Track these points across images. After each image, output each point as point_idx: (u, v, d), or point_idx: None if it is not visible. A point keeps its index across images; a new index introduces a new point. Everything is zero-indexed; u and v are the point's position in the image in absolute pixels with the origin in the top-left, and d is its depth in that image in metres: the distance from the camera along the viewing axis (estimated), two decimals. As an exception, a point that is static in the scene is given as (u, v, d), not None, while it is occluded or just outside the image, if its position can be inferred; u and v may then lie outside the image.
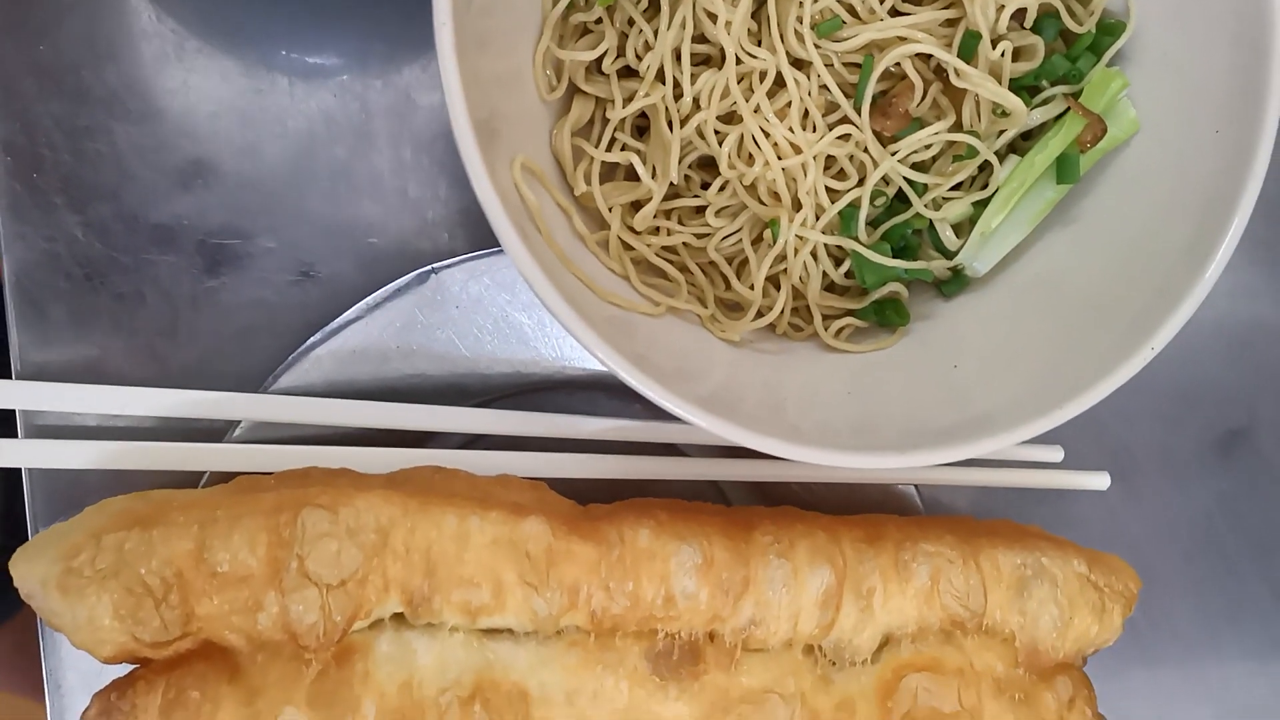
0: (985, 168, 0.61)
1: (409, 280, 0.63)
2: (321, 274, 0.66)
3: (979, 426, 0.54)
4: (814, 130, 0.58)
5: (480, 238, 0.67)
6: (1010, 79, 0.59)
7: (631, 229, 0.59)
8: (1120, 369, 0.54)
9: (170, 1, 0.62)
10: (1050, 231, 0.63)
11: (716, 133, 0.58)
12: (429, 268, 0.62)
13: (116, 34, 0.64)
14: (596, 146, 0.59)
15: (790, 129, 0.57)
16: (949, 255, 0.62)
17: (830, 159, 0.59)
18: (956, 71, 0.57)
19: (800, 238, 0.58)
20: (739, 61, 0.57)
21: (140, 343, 0.64)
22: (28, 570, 0.52)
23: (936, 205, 0.61)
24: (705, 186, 0.61)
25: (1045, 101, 0.61)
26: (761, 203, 0.59)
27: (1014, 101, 0.58)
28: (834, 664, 0.60)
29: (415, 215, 0.68)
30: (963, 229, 0.63)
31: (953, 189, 0.61)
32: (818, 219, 0.59)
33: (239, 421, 0.61)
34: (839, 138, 0.58)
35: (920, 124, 0.60)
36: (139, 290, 0.65)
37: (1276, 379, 0.78)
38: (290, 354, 0.63)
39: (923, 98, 0.59)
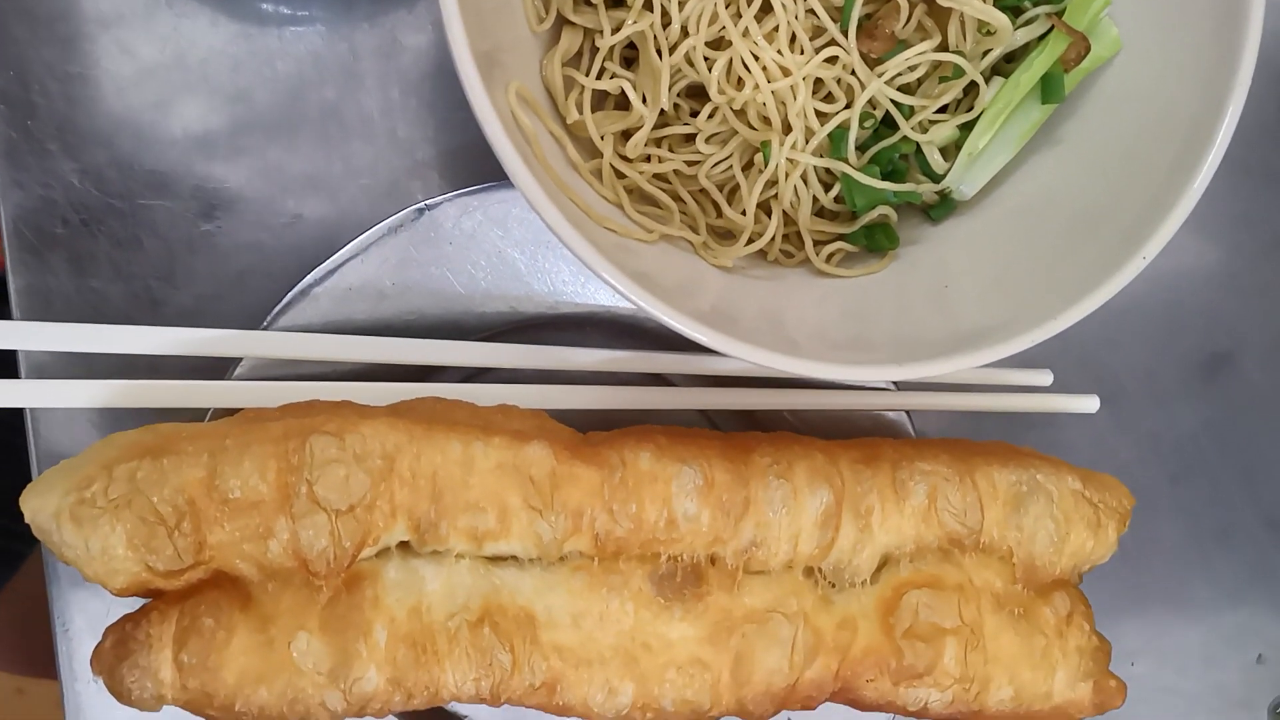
0: (971, 90, 0.62)
1: (402, 218, 0.63)
2: (314, 215, 0.66)
3: (975, 339, 0.55)
4: (802, 53, 0.58)
5: (471, 177, 0.67)
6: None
7: (623, 157, 0.60)
8: (1114, 278, 0.55)
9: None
10: (1037, 153, 0.64)
11: (705, 59, 0.58)
12: (421, 204, 0.63)
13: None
14: (586, 75, 0.59)
15: (779, 51, 0.58)
16: (936, 179, 0.63)
17: (818, 82, 0.59)
18: (941, -11, 0.58)
19: (791, 161, 0.59)
20: (727, -14, 0.57)
21: (137, 286, 0.65)
22: (39, 504, 0.52)
23: (923, 128, 0.62)
24: (694, 114, 0.61)
25: (1029, 22, 0.62)
26: (751, 127, 0.59)
27: (999, 18, 0.58)
28: (834, 585, 0.61)
29: (405, 155, 0.68)
30: (949, 152, 0.63)
31: (939, 112, 0.62)
32: (807, 142, 0.59)
33: (240, 360, 0.62)
34: (826, 60, 0.58)
35: (906, 46, 0.60)
36: (135, 235, 0.65)
37: (1260, 303, 0.79)
38: (286, 294, 0.63)
39: (908, 19, 0.59)
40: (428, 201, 0.63)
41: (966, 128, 0.63)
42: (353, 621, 0.53)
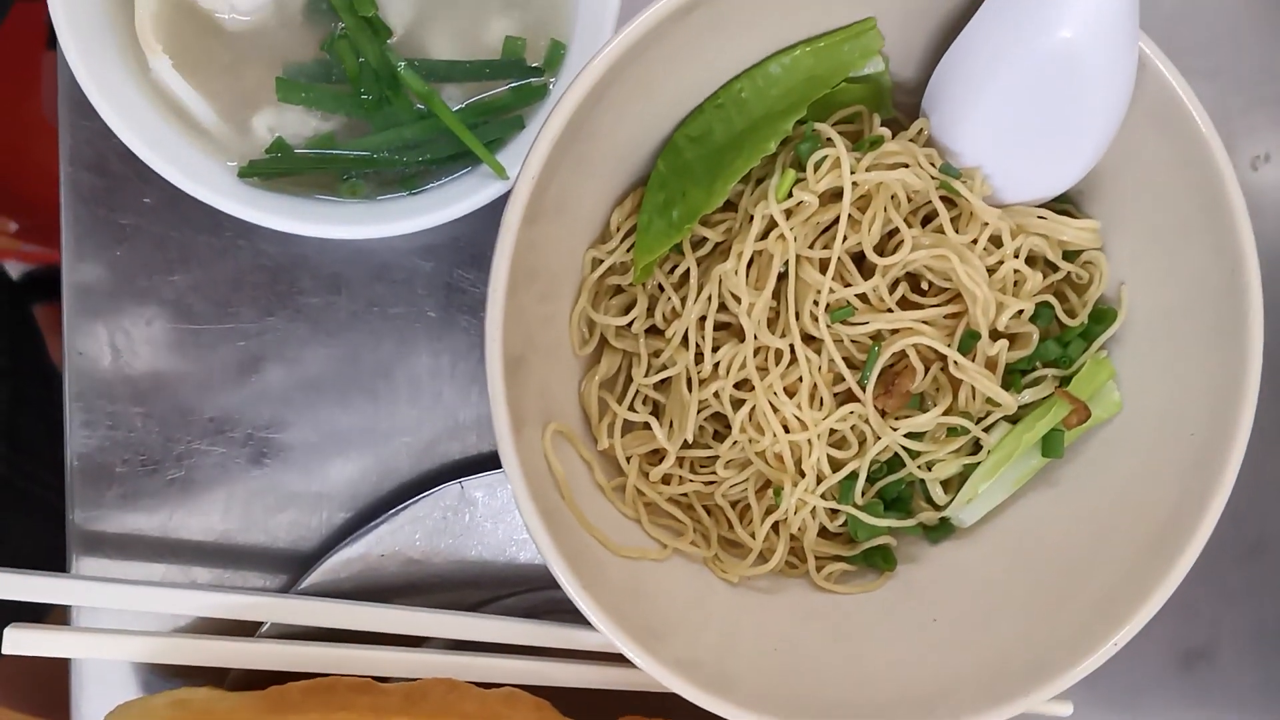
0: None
1: (438, 494, 0.68)
2: (357, 468, 0.71)
3: (945, 701, 0.59)
4: (820, 407, 0.63)
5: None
6: (1005, 363, 0.65)
7: (646, 476, 0.65)
8: (1079, 664, 0.59)
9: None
10: (1034, 490, 0.69)
11: (732, 400, 0.63)
12: (457, 481, 0.68)
13: (188, 242, 0.70)
14: (620, 402, 0.64)
15: (799, 405, 0.62)
16: (938, 507, 0.68)
17: (833, 429, 0.64)
18: (955, 363, 0.63)
19: (801, 500, 0.63)
20: (757, 339, 0.62)
21: (187, 525, 0.70)
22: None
23: (929, 466, 0.67)
24: (717, 435, 0.66)
25: (1036, 382, 0.66)
26: (768, 463, 0.64)
27: (1005, 397, 0.63)
28: None
29: (448, 417, 0.73)
30: (951, 484, 0.68)
31: (944, 450, 0.67)
32: (819, 482, 0.64)
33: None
34: (842, 415, 0.63)
35: (920, 398, 0.65)
36: (190, 477, 0.70)
37: (1240, 593, 0.83)
38: (324, 549, 0.68)
39: (923, 377, 0.64)
40: (463, 480, 0.68)
41: (970, 464, 0.67)
42: None
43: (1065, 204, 0.67)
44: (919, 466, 0.66)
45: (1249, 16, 0.82)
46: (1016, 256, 0.63)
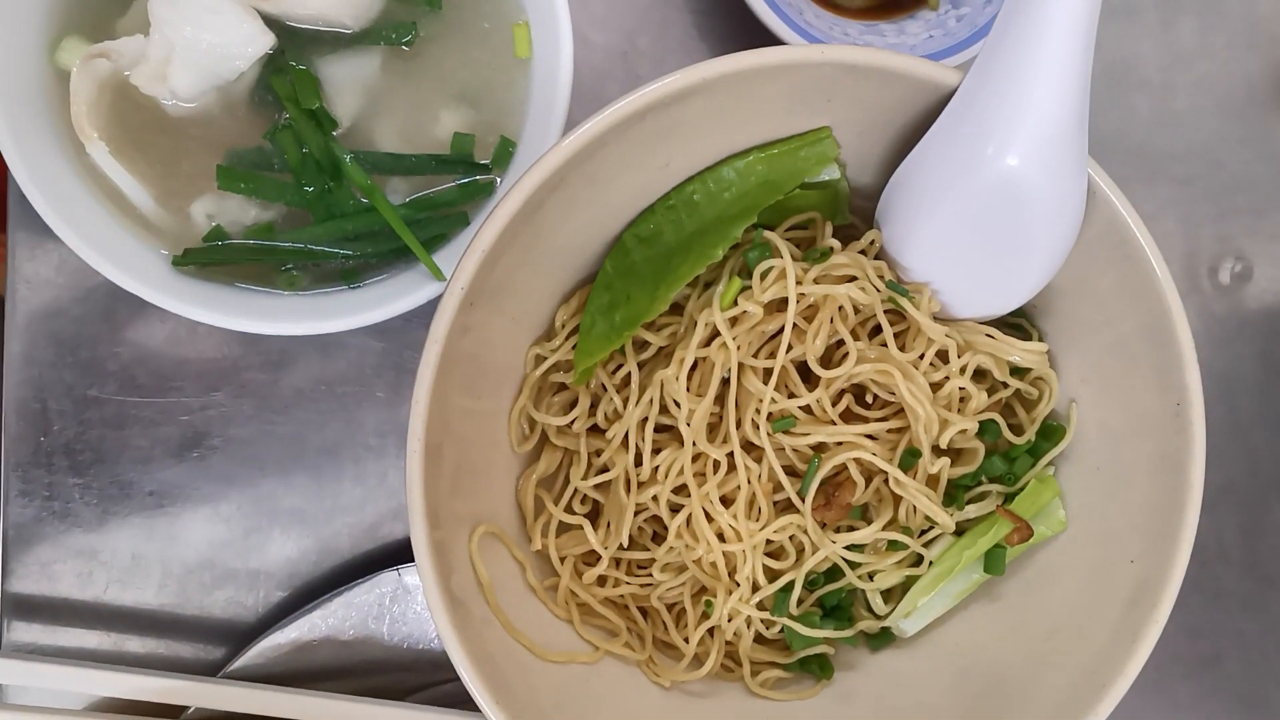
0: (919, 547, 0.66)
1: (375, 578, 0.67)
2: (298, 546, 0.71)
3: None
4: (758, 517, 0.62)
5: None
6: (948, 479, 0.64)
7: (581, 577, 0.64)
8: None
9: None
10: (976, 603, 0.68)
11: (670, 504, 0.62)
12: (395, 569, 0.67)
13: (135, 314, 0.69)
14: (558, 502, 0.63)
15: (735, 515, 0.61)
16: (879, 616, 0.67)
17: (769, 539, 0.63)
18: (896, 480, 0.62)
19: (735, 609, 0.63)
20: (695, 446, 0.61)
21: (122, 598, 0.69)
22: None
23: (870, 576, 0.66)
24: (654, 536, 0.65)
25: (981, 497, 0.66)
26: (703, 570, 0.63)
27: (944, 518, 0.62)
28: None
29: (391, 498, 0.73)
30: (893, 593, 0.67)
31: (885, 559, 0.66)
32: (754, 592, 0.63)
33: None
34: (780, 527, 0.62)
35: (862, 508, 0.64)
36: (129, 551, 0.70)
37: (1188, 707, 0.82)
38: (261, 626, 0.68)
39: (865, 489, 0.63)
40: (400, 567, 0.67)
41: (912, 575, 0.66)
42: None
43: (1018, 317, 0.66)
44: (859, 576, 0.65)
45: (1224, 126, 0.81)
46: (963, 373, 0.62)
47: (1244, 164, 0.82)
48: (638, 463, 0.63)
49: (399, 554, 0.72)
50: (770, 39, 0.69)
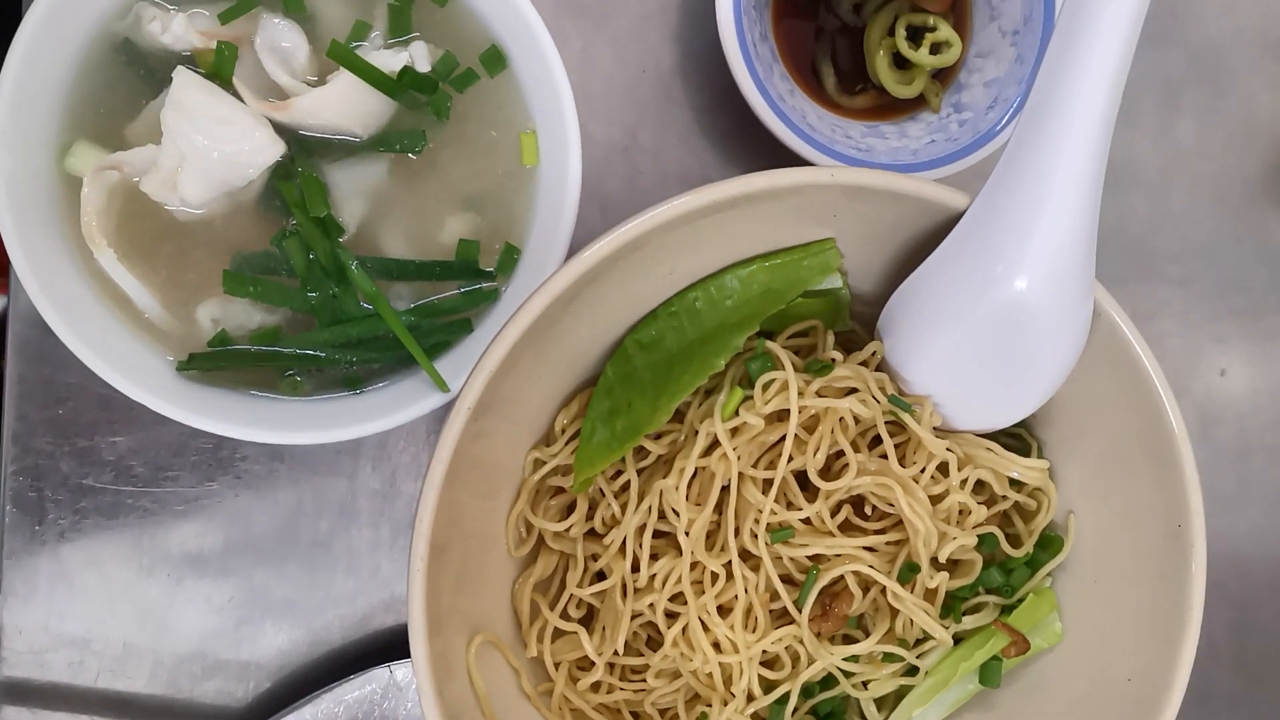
0: (914, 656, 0.65)
1: (365, 674, 0.67)
2: (289, 637, 0.70)
3: None
4: (755, 628, 0.62)
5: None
6: (945, 591, 0.64)
7: (575, 683, 0.63)
8: None
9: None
10: (970, 712, 0.68)
11: (667, 612, 0.62)
12: (386, 665, 0.67)
13: (131, 403, 0.69)
14: (554, 607, 0.63)
15: (732, 626, 0.61)
16: (872, 722, 0.67)
17: (767, 650, 0.63)
18: (894, 593, 0.62)
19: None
20: (694, 558, 0.61)
21: (114, 684, 0.69)
22: None
23: (864, 684, 0.66)
24: (649, 641, 0.65)
25: (977, 608, 0.65)
26: (699, 680, 0.63)
27: (941, 632, 0.62)
28: None
29: (384, 589, 0.72)
30: (886, 701, 0.67)
31: (881, 664, 0.66)
32: (749, 702, 0.63)
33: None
34: (777, 639, 0.62)
35: (859, 618, 0.64)
36: (119, 639, 0.69)
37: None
38: (250, 717, 0.67)
39: (862, 600, 0.63)
40: (392, 664, 0.67)
41: (906, 684, 0.66)
42: None
43: (1017, 426, 0.66)
44: (854, 685, 0.65)
45: (1221, 226, 0.82)
46: (963, 487, 0.62)
47: (1240, 263, 0.82)
48: (634, 569, 0.63)
49: (390, 645, 0.72)
50: (771, 138, 0.69)
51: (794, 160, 0.69)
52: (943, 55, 0.73)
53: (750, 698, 0.63)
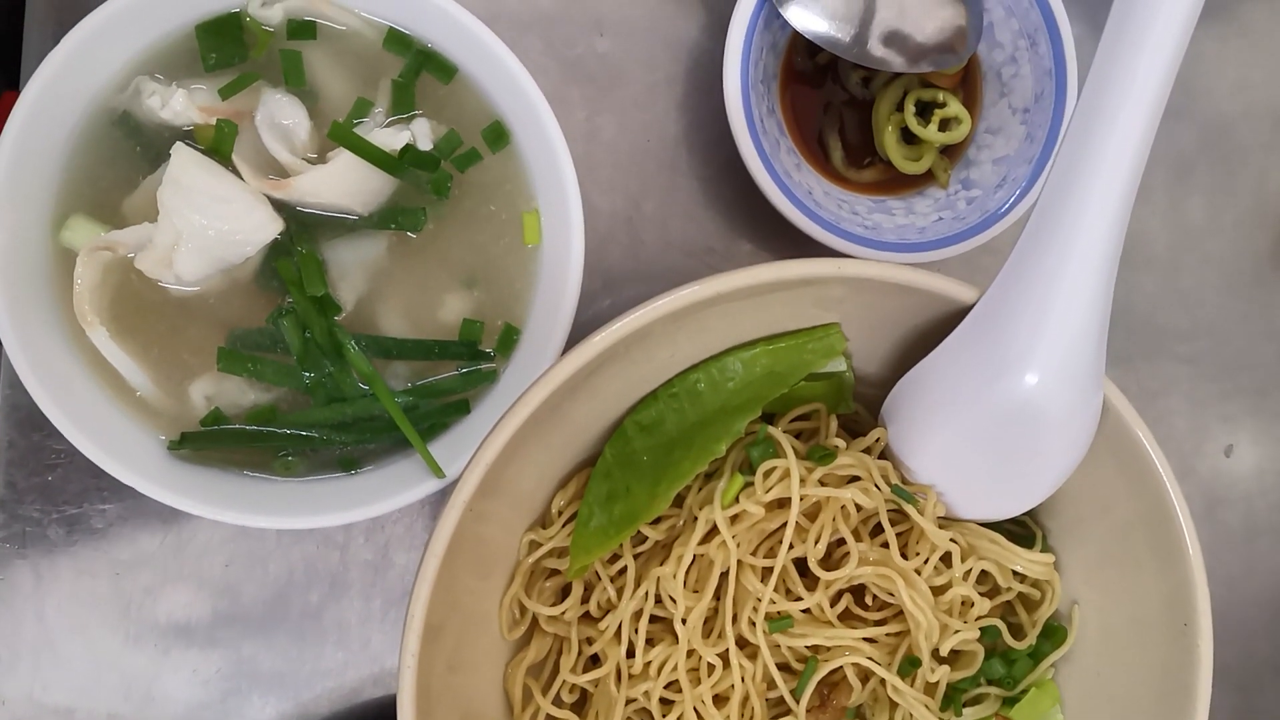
0: None
1: (354, 751, 0.65)
2: (277, 710, 0.70)
3: None
4: (751, 719, 0.61)
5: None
6: (946, 684, 0.63)
7: (567, 769, 0.62)
8: None
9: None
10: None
11: (662, 699, 0.61)
12: (375, 739, 0.65)
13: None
14: (546, 692, 0.62)
15: (727, 717, 0.60)
16: (868, 808, 0.65)
17: (763, 739, 0.62)
18: (895, 687, 0.61)
19: (722, 813, 0.61)
20: (690, 646, 0.60)
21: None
22: None
23: (861, 770, 0.64)
24: (645, 724, 0.64)
25: (978, 700, 0.64)
26: (693, 768, 0.62)
27: (941, 729, 0.61)
28: None
29: (374, 663, 0.71)
30: (885, 792, 0.65)
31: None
32: (744, 794, 0.61)
33: None
34: (774, 730, 0.61)
35: (857, 711, 0.63)
36: (104, 710, 0.68)
37: None
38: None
39: (861, 691, 0.62)
40: (380, 738, 0.66)
41: (904, 771, 0.65)
42: None
43: (1023, 515, 0.65)
44: (851, 771, 0.64)
45: (1229, 304, 0.81)
46: (966, 579, 0.61)
47: (1249, 342, 0.81)
48: (630, 654, 0.61)
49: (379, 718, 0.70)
50: (774, 212, 0.68)
51: (798, 234, 0.68)
52: (952, 132, 0.72)
53: (746, 790, 0.62)
